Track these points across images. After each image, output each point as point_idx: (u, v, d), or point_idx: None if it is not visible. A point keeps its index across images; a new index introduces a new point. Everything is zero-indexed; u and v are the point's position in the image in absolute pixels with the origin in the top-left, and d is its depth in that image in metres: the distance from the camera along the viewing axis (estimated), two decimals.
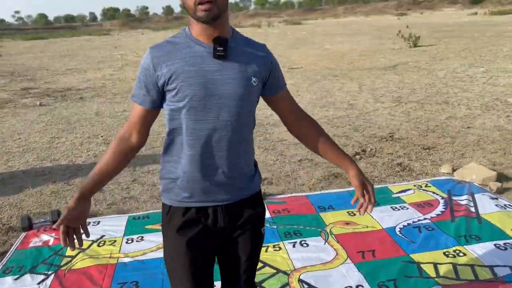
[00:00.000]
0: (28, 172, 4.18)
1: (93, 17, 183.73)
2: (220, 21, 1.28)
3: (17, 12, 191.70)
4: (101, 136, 5.30)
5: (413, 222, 2.89)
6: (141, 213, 3.24)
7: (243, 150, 1.41)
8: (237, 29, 1.40)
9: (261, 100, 1.48)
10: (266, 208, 3.17)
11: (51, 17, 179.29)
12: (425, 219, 2.92)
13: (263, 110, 6.35)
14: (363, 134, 5.00)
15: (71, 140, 5.19)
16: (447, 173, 3.72)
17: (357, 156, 4.26)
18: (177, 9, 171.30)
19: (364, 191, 1.47)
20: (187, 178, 1.38)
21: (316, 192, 3.46)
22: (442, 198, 3.20)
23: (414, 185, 3.47)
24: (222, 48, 1.27)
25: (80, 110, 7.06)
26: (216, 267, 1.51)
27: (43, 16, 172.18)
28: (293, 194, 3.44)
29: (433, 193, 3.30)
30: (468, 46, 13.66)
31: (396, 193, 3.35)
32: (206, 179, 1.38)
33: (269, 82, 1.42)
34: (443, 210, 3.03)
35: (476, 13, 40.91)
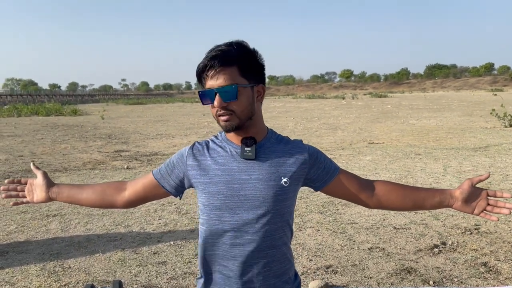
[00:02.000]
0: (102, 237, 4.38)
1: (188, 85, 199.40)
2: (248, 125, 1.29)
3: (123, 79, 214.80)
4: (174, 204, 5.47)
5: None
6: None
7: (273, 259, 1.30)
8: (320, 100, 1.39)
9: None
10: None
11: (151, 85, 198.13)
12: None
13: None
14: (444, 223, 4.58)
15: (147, 206, 5.41)
16: None
17: (436, 249, 3.88)
18: None
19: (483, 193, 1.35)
20: (207, 280, 1.34)
21: None
22: None
23: None
24: (249, 149, 1.27)
25: None
26: None
27: (145, 84, 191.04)
28: None
29: None
30: None
31: None
32: (226, 285, 1.31)
33: (314, 176, 1.35)
34: None
35: None
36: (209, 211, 1.30)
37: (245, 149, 1.28)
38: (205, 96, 1.25)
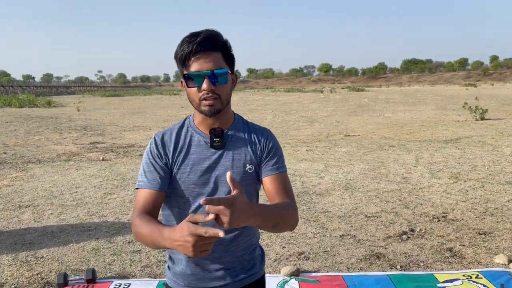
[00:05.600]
0: (76, 227, 4.36)
1: (167, 78, 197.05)
2: (224, 111, 1.33)
3: (99, 71, 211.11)
4: None
5: None
6: None
7: (240, 235, 1.39)
8: (298, 93, 1.42)
9: (309, 165, 1.45)
10: (298, 287, 3.05)
11: (129, 77, 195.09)
12: None
13: (311, 178, 6.29)
14: (413, 211, 4.73)
15: (122, 197, 5.40)
16: (502, 264, 3.37)
17: (404, 236, 4.01)
18: (243, 73, 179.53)
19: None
20: (178, 262, 1.39)
21: (354, 273, 3.26)
22: None
23: (464, 275, 3.17)
24: (218, 139, 1.33)
25: (137, 167, 7.39)
26: None
27: (122, 75, 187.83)
28: (329, 273, 3.27)
29: (484, 286, 2.98)
30: None
31: (442, 282, 3.07)
32: (199, 267, 1.37)
33: (264, 164, 1.40)
34: None
35: None
36: (179, 198, 1.35)
37: (214, 139, 1.33)
38: (192, 79, 1.25)
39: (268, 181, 1.39)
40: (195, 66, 1.24)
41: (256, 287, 1.45)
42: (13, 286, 3.13)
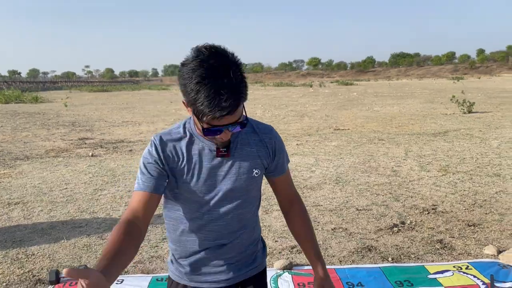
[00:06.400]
0: (66, 223, 4.32)
1: (155, 72, 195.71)
2: None
3: (87, 66, 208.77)
4: None
5: None
6: (165, 274, 3.22)
7: (245, 233, 1.42)
8: (288, 87, 1.40)
9: (300, 159, 1.47)
10: (291, 280, 3.07)
11: (117, 72, 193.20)
12: None
13: (302, 172, 6.31)
14: (404, 204, 4.78)
15: (113, 193, 5.36)
16: (491, 255, 3.43)
17: (395, 229, 4.05)
18: None
19: None
20: (182, 261, 1.40)
21: (346, 266, 3.29)
22: (484, 283, 2.94)
23: (454, 266, 3.22)
24: (225, 149, 1.30)
25: (127, 162, 7.35)
26: None
27: (110, 70, 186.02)
28: None
29: (474, 276, 3.04)
30: None
31: (433, 273, 3.12)
32: (203, 262, 1.39)
33: (273, 166, 1.42)
34: None
35: None
36: (184, 205, 1.34)
37: (221, 149, 1.29)
38: (213, 132, 1.17)
39: (276, 181, 1.47)
40: (218, 122, 1.15)
41: (257, 280, 1.47)
42: (4, 283, 3.10)
